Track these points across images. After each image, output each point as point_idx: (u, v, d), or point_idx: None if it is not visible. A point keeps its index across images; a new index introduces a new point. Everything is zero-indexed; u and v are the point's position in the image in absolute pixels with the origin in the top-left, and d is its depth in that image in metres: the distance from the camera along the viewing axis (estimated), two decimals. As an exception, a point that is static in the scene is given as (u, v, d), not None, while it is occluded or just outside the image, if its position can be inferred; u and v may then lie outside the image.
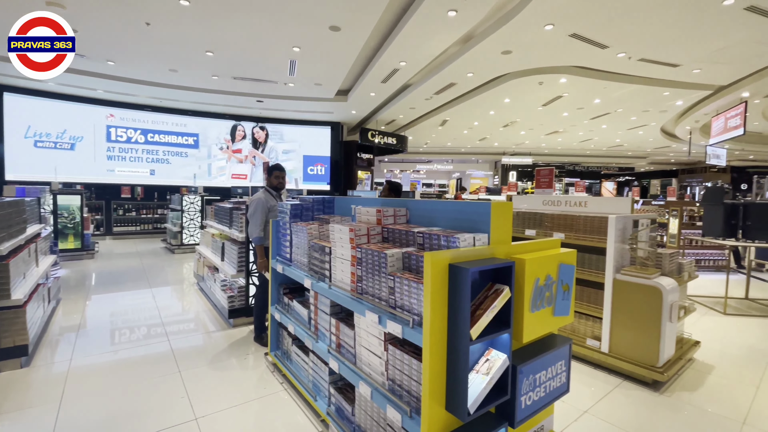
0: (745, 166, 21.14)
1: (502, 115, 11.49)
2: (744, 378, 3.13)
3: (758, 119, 11.27)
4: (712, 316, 4.80)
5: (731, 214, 5.19)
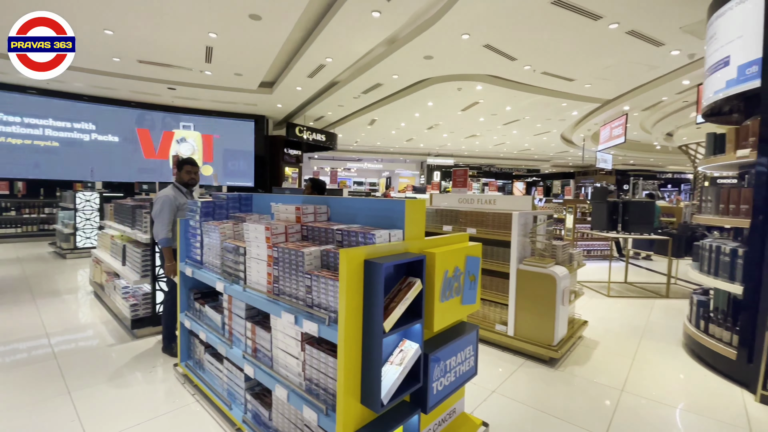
0: (627, 170, 24.94)
1: (426, 118, 12.01)
2: (623, 350, 3.70)
3: (637, 129, 13.33)
4: (597, 298, 5.59)
5: (613, 211, 6.08)
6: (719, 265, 3.30)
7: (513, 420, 2.49)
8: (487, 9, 5.04)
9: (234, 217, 2.70)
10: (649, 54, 6.37)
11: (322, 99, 9.88)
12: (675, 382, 3.09)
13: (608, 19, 5.14)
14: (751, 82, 3.05)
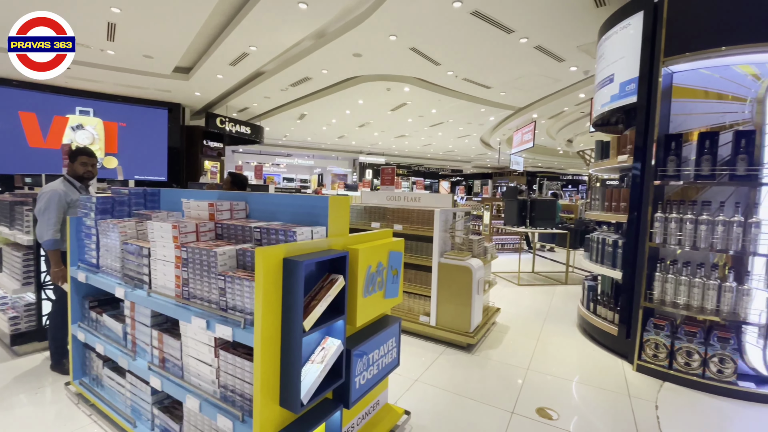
0: (536, 171, 27.72)
1: (357, 116, 12.03)
2: (529, 333, 4.11)
3: (544, 135, 14.84)
4: (509, 287, 6.14)
5: (522, 208, 6.72)
6: (604, 255, 3.85)
7: (434, 406, 2.62)
8: (412, 13, 5.21)
9: (138, 214, 2.43)
10: (553, 68, 7.14)
11: (246, 89, 9.33)
12: (571, 358, 3.53)
13: (519, 33, 5.66)
14: (629, 97, 3.58)
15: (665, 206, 3.21)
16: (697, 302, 3.04)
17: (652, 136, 3.24)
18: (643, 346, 3.24)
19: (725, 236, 2.90)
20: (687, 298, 3.07)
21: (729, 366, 2.90)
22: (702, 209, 3.03)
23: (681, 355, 3.08)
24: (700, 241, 2.99)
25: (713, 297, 2.96)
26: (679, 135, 3.16)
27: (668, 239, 3.12)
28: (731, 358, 2.89)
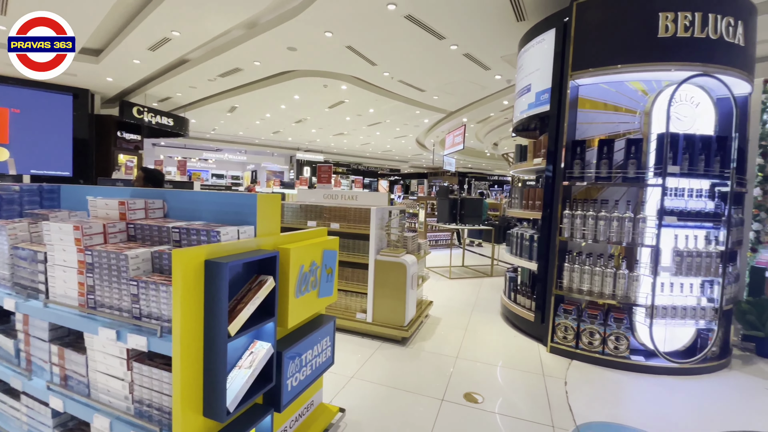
0: (466, 172, 29.36)
1: (293, 111, 11.69)
2: (459, 324, 4.36)
3: (473, 138, 15.75)
4: (442, 281, 6.45)
5: (453, 206, 7.09)
6: (522, 248, 4.22)
7: (369, 401, 2.67)
8: (347, 11, 5.20)
9: (32, 214, 2.12)
10: (480, 76, 7.62)
11: (168, 77, 8.56)
12: (495, 345, 3.82)
13: (450, 40, 5.95)
14: (544, 106, 3.96)
15: (572, 204, 3.61)
16: (597, 288, 3.47)
17: (562, 141, 3.63)
18: (554, 329, 3.63)
19: (619, 230, 3.35)
20: (590, 285, 3.50)
21: (623, 343, 3.36)
22: (601, 207, 3.46)
23: (585, 336, 3.49)
24: (600, 235, 3.42)
25: (610, 283, 3.41)
26: (583, 141, 3.58)
27: (574, 233, 3.52)
28: (625, 336, 3.36)
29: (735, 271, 3.58)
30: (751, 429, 2.50)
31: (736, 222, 3.45)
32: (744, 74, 3.46)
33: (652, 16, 3.28)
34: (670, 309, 3.24)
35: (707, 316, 3.27)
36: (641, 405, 2.81)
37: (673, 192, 3.24)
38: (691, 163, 3.21)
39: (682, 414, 2.68)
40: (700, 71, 3.24)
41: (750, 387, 3.12)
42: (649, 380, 3.17)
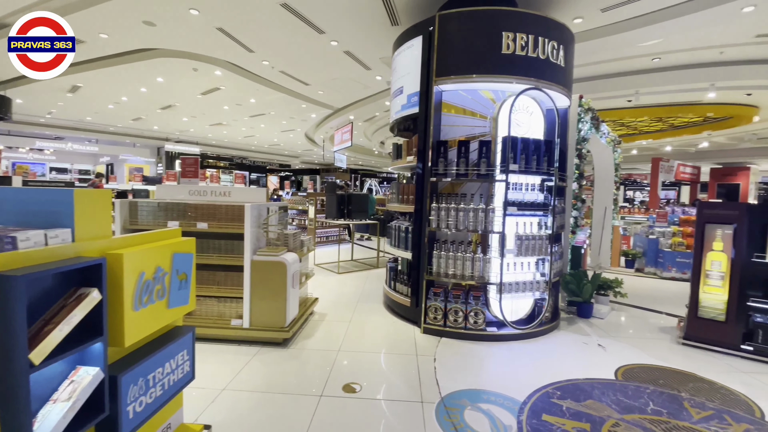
0: (358, 169, 30.03)
1: (157, 96, 10.20)
2: (343, 317, 4.42)
3: (362, 136, 16.14)
4: (330, 276, 6.47)
5: (341, 202, 7.16)
6: (400, 239, 4.50)
7: (241, 412, 2.51)
8: (215, -11, 4.75)
9: None
10: (362, 75, 7.83)
11: (-31, 42, 6.57)
12: (377, 333, 3.99)
13: (330, 36, 5.94)
14: (414, 108, 4.25)
15: (439, 198, 3.99)
16: (459, 271, 3.91)
17: (429, 142, 3.96)
18: (426, 311, 3.97)
19: (474, 220, 3.82)
20: (454, 269, 3.92)
21: (480, 317, 3.86)
22: (461, 200, 3.90)
23: (451, 314, 3.91)
24: (460, 224, 3.85)
25: (469, 266, 3.88)
26: (446, 142, 3.97)
27: (440, 224, 3.90)
28: (482, 311, 3.86)
29: (560, 250, 4.44)
30: (573, 377, 3.13)
31: (559, 210, 4.27)
32: (565, 90, 4.28)
33: (497, 34, 3.81)
34: (514, 284, 3.86)
35: (541, 287, 3.99)
36: (495, 369, 3.27)
37: (514, 186, 3.83)
38: (527, 162, 3.85)
39: (526, 371, 3.21)
40: (533, 85, 3.90)
41: (573, 342, 3.91)
42: (502, 347, 3.72)
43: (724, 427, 2.43)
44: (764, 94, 8.53)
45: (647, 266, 7.38)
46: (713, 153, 16.35)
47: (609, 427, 2.39)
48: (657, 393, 2.84)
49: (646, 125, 12.11)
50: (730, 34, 5.84)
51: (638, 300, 5.54)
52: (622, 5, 4.82)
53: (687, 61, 7.04)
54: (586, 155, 5.11)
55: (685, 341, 3.82)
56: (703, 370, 3.28)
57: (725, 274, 3.62)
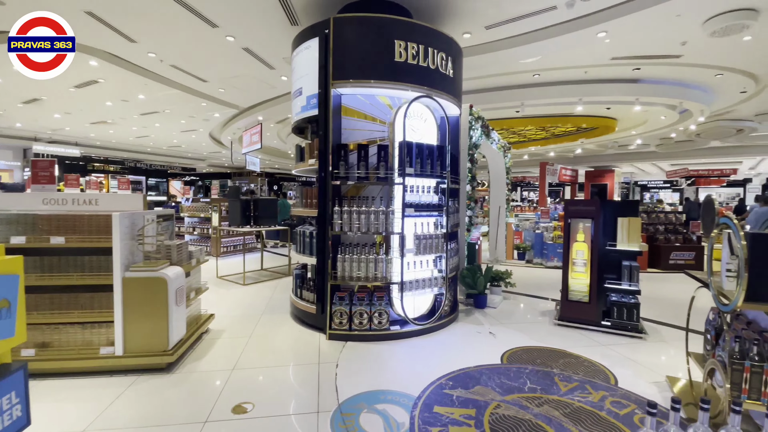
0: (275, 173, 28.82)
1: (16, 87, 8.51)
2: (244, 332, 4.13)
3: (276, 139, 15.47)
4: (234, 288, 6.04)
5: (246, 207, 6.73)
6: (305, 245, 4.37)
7: (103, 454, 2.16)
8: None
9: None
10: (266, 74, 7.49)
11: None
12: (279, 345, 3.80)
13: (224, 30, 5.55)
14: (314, 110, 4.17)
15: (341, 201, 3.96)
16: (364, 273, 3.93)
17: (329, 144, 3.92)
18: (332, 317, 3.90)
19: (376, 222, 3.88)
20: (359, 272, 3.92)
21: (384, 317, 3.92)
22: (363, 203, 3.93)
23: (356, 317, 3.90)
24: (364, 227, 3.87)
25: (373, 268, 3.92)
26: (346, 145, 3.97)
27: (344, 227, 3.88)
28: (385, 311, 3.93)
29: (456, 247, 4.74)
30: (466, 366, 3.33)
31: (454, 210, 4.56)
32: (455, 100, 4.59)
33: (390, 42, 3.93)
34: (415, 282, 4.00)
35: (439, 283, 4.21)
36: (396, 367, 3.33)
37: (411, 189, 3.98)
38: (422, 166, 4.03)
39: (424, 365, 3.32)
40: (425, 93, 4.10)
41: (468, 333, 4.19)
42: (404, 344, 3.82)
43: (585, 395, 2.80)
44: (620, 109, 10.27)
45: (535, 258, 8.32)
46: (587, 158, 19.22)
47: (492, 409, 2.58)
48: (534, 372, 3.17)
49: (533, 133, 13.72)
50: (591, 56, 6.89)
51: (527, 288, 6.19)
52: (503, 24, 5.36)
53: (560, 78, 8.13)
54: (479, 160, 5.57)
55: (560, 322, 4.36)
56: (572, 347, 3.76)
57: (587, 261, 4.22)
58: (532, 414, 2.51)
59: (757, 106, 10.00)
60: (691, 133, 12.95)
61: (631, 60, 7.07)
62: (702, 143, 14.58)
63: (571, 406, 2.62)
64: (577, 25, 5.39)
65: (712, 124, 11.79)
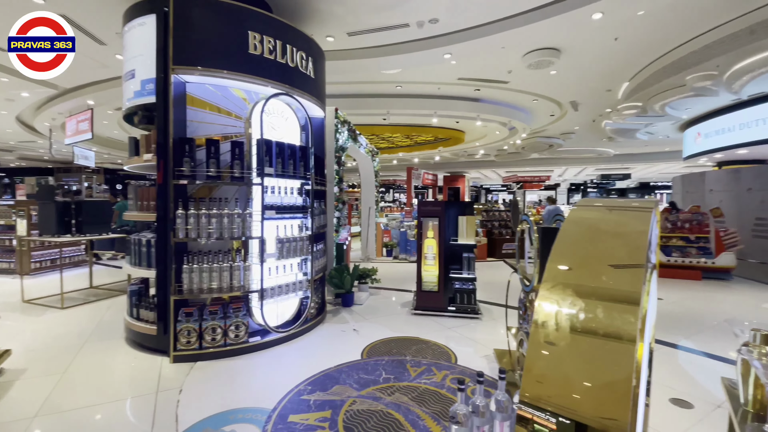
0: (117, 169, 24.14)
1: None
2: (56, 367, 3.28)
3: (118, 128, 12.91)
4: (49, 314, 4.79)
5: (64, 212, 5.41)
6: (141, 256, 3.73)
7: None
8: None
9: None
10: (96, 51, 6.18)
11: None
12: (106, 379, 3.14)
13: (28, -12, 4.37)
14: (150, 96, 3.59)
15: (189, 203, 3.51)
16: (218, 284, 3.56)
17: (170, 137, 3.43)
18: (177, 336, 3.43)
19: (231, 226, 3.57)
20: (211, 283, 3.54)
21: (242, 329, 3.64)
22: (213, 205, 3.56)
23: (208, 333, 3.52)
24: (216, 232, 3.51)
25: (228, 277, 3.59)
26: (192, 139, 3.54)
27: (191, 233, 3.44)
28: (243, 322, 3.64)
29: (323, 248, 4.74)
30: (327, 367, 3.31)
31: (320, 212, 4.54)
32: (318, 101, 4.57)
33: (243, 32, 3.66)
34: (277, 288, 3.83)
35: (304, 286, 4.12)
36: (253, 381, 3.11)
37: (272, 190, 3.80)
38: (284, 166, 3.88)
39: (284, 374, 3.18)
40: (285, 91, 3.96)
41: (334, 333, 4.21)
42: (266, 355, 3.61)
43: (431, 377, 3.10)
44: (467, 123, 11.88)
45: (401, 254, 8.98)
46: (444, 164, 21.74)
47: (347, 407, 2.63)
48: (390, 362, 3.38)
49: (400, 140, 14.82)
50: (442, 74, 7.78)
51: (392, 283, 6.61)
52: (364, 33, 5.59)
53: (419, 91, 8.96)
54: (346, 163, 5.69)
55: (415, 311, 4.77)
56: (424, 333, 4.15)
57: (436, 255, 4.73)
58: (384, 404, 2.65)
59: (561, 127, 12.87)
60: (518, 147, 15.89)
61: (472, 81, 8.25)
62: (526, 155, 18.02)
63: (418, 390, 2.87)
64: (428, 44, 6.00)
65: (532, 140, 14.70)
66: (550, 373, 0.80)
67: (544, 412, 0.77)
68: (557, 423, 0.75)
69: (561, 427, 0.75)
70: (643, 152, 17.57)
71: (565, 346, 0.80)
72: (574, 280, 0.90)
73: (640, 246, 0.90)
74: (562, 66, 7.06)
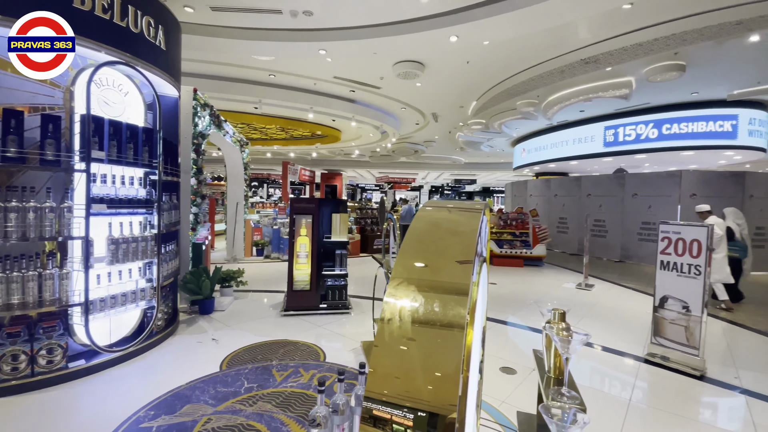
0: None
1: None
2: None
3: None
4: None
5: None
6: None
7: None
8: None
9: None
10: None
11: None
12: None
13: None
14: None
15: (-34, 193, 2.60)
16: (20, 298, 2.74)
17: (-67, 100, 2.48)
18: (-55, 374, 2.51)
19: (42, 223, 2.79)
20: (10, 297, 2.70)
21: (58, 353, 2.89)
22: (20, 196, 2.73)
23: (6, 363, 2.69)
24: (21, 231, 2.69)
25: (36, 288, 2.80)
26: (-25, 107, 2.64)
27: (-30, 233, 2.55)
28: (59, 344, 2.89)
29: (176, 249, 4.13)
30: (177, 385, 2.89)
31: (172, 207, 3.95)
32: (170, 78, 3.95)
33: (62, -22, 2.90)
34: (109, 299, 3.16)
35: (148, 295, 3.52)
36: (75, 416, 2.49)
37: (103, 179, 3.12)
38: (120, 150, 3.23)
39: (123, 398, 2.65)
40: (124, 60, 3.29)
41: (187, 346, 3.71)
42: (95, 381, 2.95)
43: (297, 379, 3.02)
44: (343, 122, 12.05)
45: (273, 252, 8.56)
46: (322, 161, 21.68)
47: (200, 427, 2.34)
48: (253, 370, 3.16)
49: (274, 133, 14.12)
50: (318, 70, 7.68)
51: (262, 284, 6.23)
52: (230, 11, 5.10)
53: (294, 83, 8.67)
54: (206, 152, 5.09)
55: (286, 312, 4.60)
56: (294, 335, 4.02)
57: (309, 253, 4.65)
58: (244, 416, 2.46)
59: (424, 135, 14.23)
60: (389, 150, 16.96)
61: (348, 82, 8.41)
62: (396, 158, 19.39)
63: (284, 394, 2.76)
64: (302, 36, 5.85)
65: (400, 145, 15.87)
66: (394, 367, 0.84)
67: (389, 406, 0.80)
68: (403, 416, 0.79)
69: (417, 420, 0.79)
70: (486, 162, 20.89)
71: (408, 340, 0.86)
72: (417, 276, 0.97)
73: (472, 243, 1.03)
74: (425, 79, 7.79)
